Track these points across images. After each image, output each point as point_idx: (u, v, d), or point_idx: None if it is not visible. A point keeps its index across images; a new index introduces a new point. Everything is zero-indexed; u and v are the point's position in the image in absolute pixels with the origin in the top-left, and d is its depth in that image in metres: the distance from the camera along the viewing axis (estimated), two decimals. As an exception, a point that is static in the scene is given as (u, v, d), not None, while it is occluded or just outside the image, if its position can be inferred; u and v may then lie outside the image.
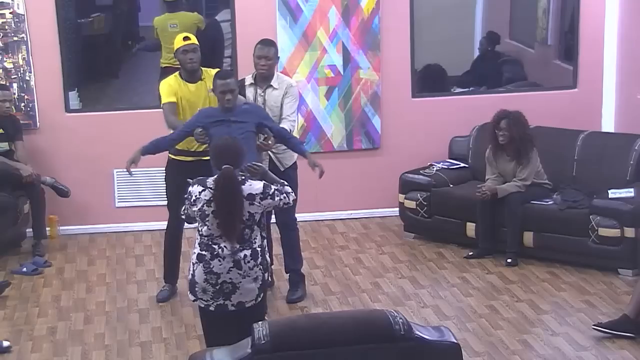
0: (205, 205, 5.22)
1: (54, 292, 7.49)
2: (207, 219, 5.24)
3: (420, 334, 4.27)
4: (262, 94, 7.03)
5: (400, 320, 4.21)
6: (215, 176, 5.27)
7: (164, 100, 6.98)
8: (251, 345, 4.14)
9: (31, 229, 8.40)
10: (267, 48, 7.01)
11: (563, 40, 9.51)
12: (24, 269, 7.89)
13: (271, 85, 7.02)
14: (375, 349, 4.16)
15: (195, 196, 5.26)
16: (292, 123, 6.99)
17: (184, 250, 7.43)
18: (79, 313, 7.08)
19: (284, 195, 5.39)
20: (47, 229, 8.58)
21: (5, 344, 6.45)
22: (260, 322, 4.23)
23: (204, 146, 6.67)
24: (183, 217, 5.47)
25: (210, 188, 5.23)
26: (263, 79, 7.03)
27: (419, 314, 6.86)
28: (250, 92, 7.03)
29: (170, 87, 6.98)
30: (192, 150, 6.95)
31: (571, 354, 6.18)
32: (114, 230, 8.89)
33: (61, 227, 8.81)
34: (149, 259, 8.19)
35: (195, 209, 5.27)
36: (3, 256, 8.23)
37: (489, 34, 9.41)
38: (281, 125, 6.86)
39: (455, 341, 4.38)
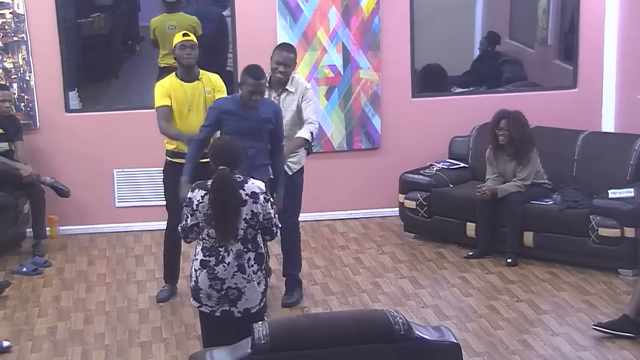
0: (209, 209, 5.14)
1: (54, 292, 7.49)
2: (212, 222, 5.15)
3: (420, 334, 4.26)
4: (277, 98, 6.89)
5: (400, 320, 4.21)
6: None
7: (157, 103, 6.97)
8: (251, 345, 4.14)
9: (31, 229, 8.40)
10: (287, 54, 6.85)
11: (563, 40, 9.51)
12: (24, 269, 7.88)
13: (287, 89, 6.90)
14: (375, 349, 4.15)
15: (198, 201, 5.17)
16: (314, 125, 6.93)
17: (184, 250, 7.42)
18: (79, 313, 7.07)
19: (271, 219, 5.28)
20: (47, 229, 8.58)
21: (5, 344, 6.44)
22: (260, 322, 4.23)
23: None
24: (180, 231, 5.30)
25: None
26: (279, 83, 6.90)
27: (419, 314, 6.86)
28: None
29: (163, 89, 6.96)
30: None
31: (571, 354, 6.17)
32: (114, 230, 8.89)
33: (61, 227, 8.81)
34: (149, 259, 8.19)
35: (199, 214, 5.17)
36: (3, 256, 8.23)
37: (489, 34, 9.41)
38: (304, 129, 6.83)
39: (455, 341, 4.38)
